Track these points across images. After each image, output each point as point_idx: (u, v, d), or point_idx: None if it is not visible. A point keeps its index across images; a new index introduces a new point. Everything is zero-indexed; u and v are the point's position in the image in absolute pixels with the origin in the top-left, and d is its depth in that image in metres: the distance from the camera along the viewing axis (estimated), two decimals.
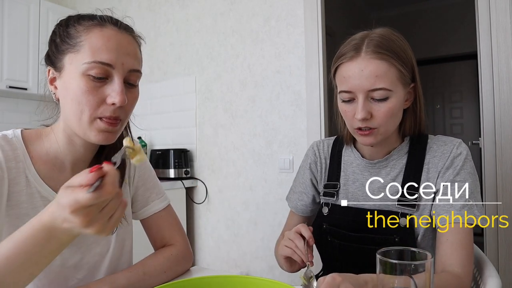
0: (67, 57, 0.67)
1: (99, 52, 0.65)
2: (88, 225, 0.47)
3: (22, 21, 2.51)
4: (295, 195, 1.04)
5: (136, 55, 0.72)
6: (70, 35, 0.67)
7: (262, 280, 0.68)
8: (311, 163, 1.02)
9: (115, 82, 0.67)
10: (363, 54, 0.77)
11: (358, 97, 0.78)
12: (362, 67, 0.77)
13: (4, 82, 2.43)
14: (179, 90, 2.53)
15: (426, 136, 0.88)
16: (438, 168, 0.83)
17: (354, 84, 0.78)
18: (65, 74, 0.67)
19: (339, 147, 0.99)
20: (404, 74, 0.79)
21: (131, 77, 0.70)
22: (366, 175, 0.91)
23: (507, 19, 1.53)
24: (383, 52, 0.77)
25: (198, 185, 2.44)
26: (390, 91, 0.77)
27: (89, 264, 0.77)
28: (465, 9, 3.86)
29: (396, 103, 0.79)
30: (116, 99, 0.66)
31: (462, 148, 0.83)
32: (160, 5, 2.64)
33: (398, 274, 0.50)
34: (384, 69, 0.76)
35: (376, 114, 0.78)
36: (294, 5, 2.04)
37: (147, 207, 0.89)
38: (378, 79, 0.76)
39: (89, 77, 0.65)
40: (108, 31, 0.68)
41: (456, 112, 4.27)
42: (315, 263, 0.78)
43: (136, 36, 0.74)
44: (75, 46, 0.66)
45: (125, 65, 0.68)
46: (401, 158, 0.88)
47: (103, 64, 0.65)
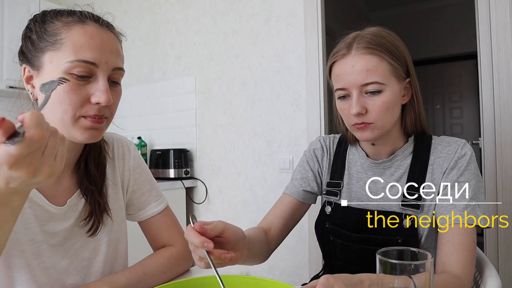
0: (47, 55, 0.64)
1: (82, 50, 0.63)
2: (35, 173, 0.44)
3: (22, 21, 2.51)
4: (296, 181, 1.00)
5: (119, 53, 0.70)
6: (48, 31, 0.65)
7: (262, 280, 0.68)
8: (315, 149, 1.00)
9: (99, 81, 0.65)
10: (354, 51, 0.80)
11: (352, 93, 0.80)
12: (353, 63, 0.79)
13: (4, 82, 2.42)
14: (179, 90, 2.53)
15: (430, 137, 0.88)
16: (443, 168, 0.83)
17: (347, 80, 0.80)
18: (45, 72, 0.65)
19: (345, 145, 0.98)
20: (396, 68, 0.80)
21: (115, 75, 0.69)
22: (370, 174, 0.90)
23: (507, 19, 1.53)
24: (373, 47, 0.79)
25: (198, 185, 2.44)
26: (383, 85, 0.78)
27: (77, 269, 0.75)
28: (465, 9, 3.86)
29: (391, 97, 0.80)
30: (101, 98, 0.65)
31: (467, 149, 0.83)
32: (160, 5, 2.64)
33: (398, 274, 0.50)
34: (374, 63, 0.78)
35: (371, 108, 0.79)
36: (294, 5, 2.04)
37: (144, 210, 0.88)
38: (370, 73, 0.78)
39: (72, 76, 0.63)
40: (90, 28, 0.66)
41: (456, 112, 4.26)
42: (317, 262, 0.77)
43: (117, 33, 0.73)
44: (55, 44, 0.64)
45: (109, 63, 0.66)
46: (405, 158, 0.87)
47: (86, 62, 0.64)
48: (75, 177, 0.77)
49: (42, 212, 0.70)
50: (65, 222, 0.74)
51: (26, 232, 0.68)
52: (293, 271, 2.05)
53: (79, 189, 0.76)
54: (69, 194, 0.75)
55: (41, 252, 0.70)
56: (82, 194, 0.76)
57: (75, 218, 0.75)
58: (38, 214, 0.70)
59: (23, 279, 0.68)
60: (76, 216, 0.75)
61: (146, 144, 2.60)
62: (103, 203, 0.78)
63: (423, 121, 0.88)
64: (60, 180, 0.74)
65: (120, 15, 2.76)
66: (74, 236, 0.75)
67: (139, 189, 0.88)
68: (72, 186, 0.76)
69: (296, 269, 2.04)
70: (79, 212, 0.76)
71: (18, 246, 0.67)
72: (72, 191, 0.76)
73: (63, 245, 0.74)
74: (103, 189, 0.79)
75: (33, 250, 0.69)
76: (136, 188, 0.87)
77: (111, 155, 0.84)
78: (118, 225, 0.83)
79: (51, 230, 0.72)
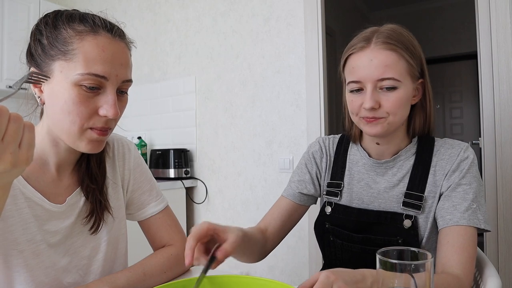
0: (57, 64, 0.64)
1: (94, 63, 0.63)
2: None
3: (22, 21, 2.51)
4: (293, 184, 0.99)
5: (129, 64, 0.71)
6: (60, 39, 0.64)
7: (262, 280, 0.68)
8: (314, 153, 0.99)
9: (108, 94, 0.66)
10: (373, 45, 0.78)
11: (367, 87, 0.79)
12: (371, 57, 0.78)
13: (4, 82, 2.43)
14: (179, 90, 2.53)
15: (433, 139, 0.88)
16: (445, 171, 0.82)
17: (363, 73, 0.78)
18: (54, 81, 0.65)
19: (345, 145, 0.97)
20: (413, 67, 0.80)
21: (123, 86, 0.70)
22: (372, 175, 0.90)
23: (507, 19, 1.53)
24: (393, 43, 0.78)
25: (198, 185, 2.44)
26: (399, 82, 0.77)
27: (77, 268, 0.76)
28: (465, 9, 3.87)
29: (404, 95, 0.79)
30: (109, 112, 0.65)
31: (469, 152, 0.83)
32: (160, 5, 2.64)
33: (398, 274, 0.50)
34: (393, 60, 0.77)
35: (384, 103, 0.78)
36: (294, 5, 2.04)
37: (144, 209, 0.88)
38: (387, 69, 0.77)
39: (81, 88, 0.64)
40: (102, 39, 0.65)
41: (456, 112, 4.26)
42: (317, 262, 0.77)
43: (128, 42, 0.73)
44: (67, 54, 0.63)
45: (119, 76, 0.67)
46: (408, 159, 0.87)
47: (97, 76, 0.64)
48: (76, 175, 0.78)
49: (42, 211, 0.70)
50: (65, 220, 0.74)
51: (25, 232, 0.68)
52: (293, 271, 2.05)
53: (79, 187, 0.77)
54: (69, 192, 0.76)
55: (40, 251, 0.70)
56: (83, 192, 0.77)
57: (75, 216, 0.75)
58: (37, 213, 0.70)
59: (21, 279, 0.68)
60: (76, 214, 0.76)
61: (146, 144, 2.60)
62: (104, 201, 0.79)
63: (432, 123, 0.88)
64: (60, 178, 0.75)
65: (120, 15, 2.76)
66: (75, 234, 0.76)
67: (139, 188, 0.88)
68: (72, 184, 0.77)
69: (296, 269, 2.04)
70: (79, 210, 0.76)
71: (16, 246, 0.67)
72: (72, 189, 0.76)
73: (64, 243, 0.74)
74: (103, 188, 0.80)
75: (32, 250, 0.69)
76: (136, 188, 0.88)
77: (112, 155, 0.85)
78: (118, 224, 0.83)
79: (52, 229, 0.72)
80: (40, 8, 2.59)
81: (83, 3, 2.96)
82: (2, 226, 0.66)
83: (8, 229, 0.66)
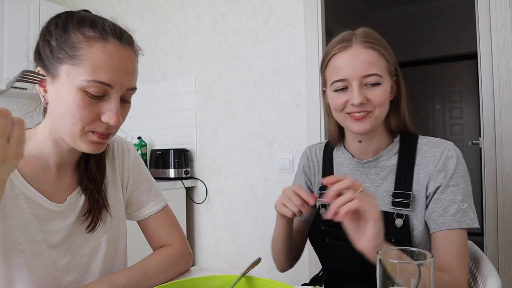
0: (64, 67, 0.64)
1: (100, 70, 0.64)
2: None
3: (22, 21, 2.51)
4: None
5: (134, 73, 0.71)
6: (68, 43, 0.64)
7: (262, 280, 0.68)
8: (304, 166, 1.05)
9: (111, 102, 0.66)
10: (355, 45, 0.82)
11: (352, 85, 0.81)
12: (355, 55, 0.81)
13: (4, 82, 2.43)
14: (179, 90, 2.53)
15: (416, 136, 0.89)
16: (429, 170, 0.83)
17: (348, 72, 0.81)
18: (60, 83, 0.65)
19: (330, 149, 1.01)
20: (391, 64, 0.85)
21: (127, 94, 0.70)
22: (356, 174, 0.92)
23: (507, 19, 1.53)
24: (373, 42, 0.82)
25: (198, 185, 2.44)
26: (381, 77, 0.82)
27: (78, 266, 0.76)
28: (465, 9, 3.86)
29: (387, 90, 0.83)
30: (111, 119, 0.66)
31: (453, 151, 0.83)
32: (160, 5, 2.64)
33: (398, 274, 0.50)
34: (375, 57, 0.81)
35: (371, 97, 0.81)
36: (294, 5, 2.04)
37: (143, 209, 0.88)
38: (371, 66, 0.80)
39: (86, 93, 0.64)
40: (111, 46, 0.65)
41: (456, 112, 4.26)
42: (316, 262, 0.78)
43: (136, 50, 0.73)
44: (74, 59, 0.64)
45: (124, 84, 0.67)
46: (390, 158, 0.88)
47: (102, 84, 0.64)
48: (76, 175, 0.78)
49: (42, 211, 0.71)
50: (66, 219, 0.74)
51: (25, 232, 0.68)
52: (293, 271, 2.04)
53: (79, 186, 0.77)
54: (69, 191, 0.76)
55: (41, 251, 0.70)
56: (82, 191, 0.77)
57: (75, 215, 0.76)
58: (37, 213, 0.70)
59: (22, 278, 0.68)
60: (76, 213, 0.76)
61: (146, 144, 2.60)
62: (101, 200, 0.79)
63: (407, 120, 0.90)
64: (61, 178, 0.75)
65: (120, 15, 2.75)
66: (75, 233, 0.76)
67: (137, 188, 0.89)
68: (73, 184, 0.77)
69: (296, 269, 2.03)
70: (79, 209, 0.77)
71: (17, 246, 0.67)
72: (72, 188, 0.77)
73: (65, 242, 0.74)
74: (102, 188, 0.80)
75: (33, 250, 0.69)
76: (135, 187, 0.88)
77: (111, 156, 0.85)
78: (117, 223, 0.84)
79: (53, 229, 0.72)
80: (40, 8, 2.59)
81: (83, 3, 2.96)
82: (3, 226, 0.66)
83: (8, 229, 0.66)
